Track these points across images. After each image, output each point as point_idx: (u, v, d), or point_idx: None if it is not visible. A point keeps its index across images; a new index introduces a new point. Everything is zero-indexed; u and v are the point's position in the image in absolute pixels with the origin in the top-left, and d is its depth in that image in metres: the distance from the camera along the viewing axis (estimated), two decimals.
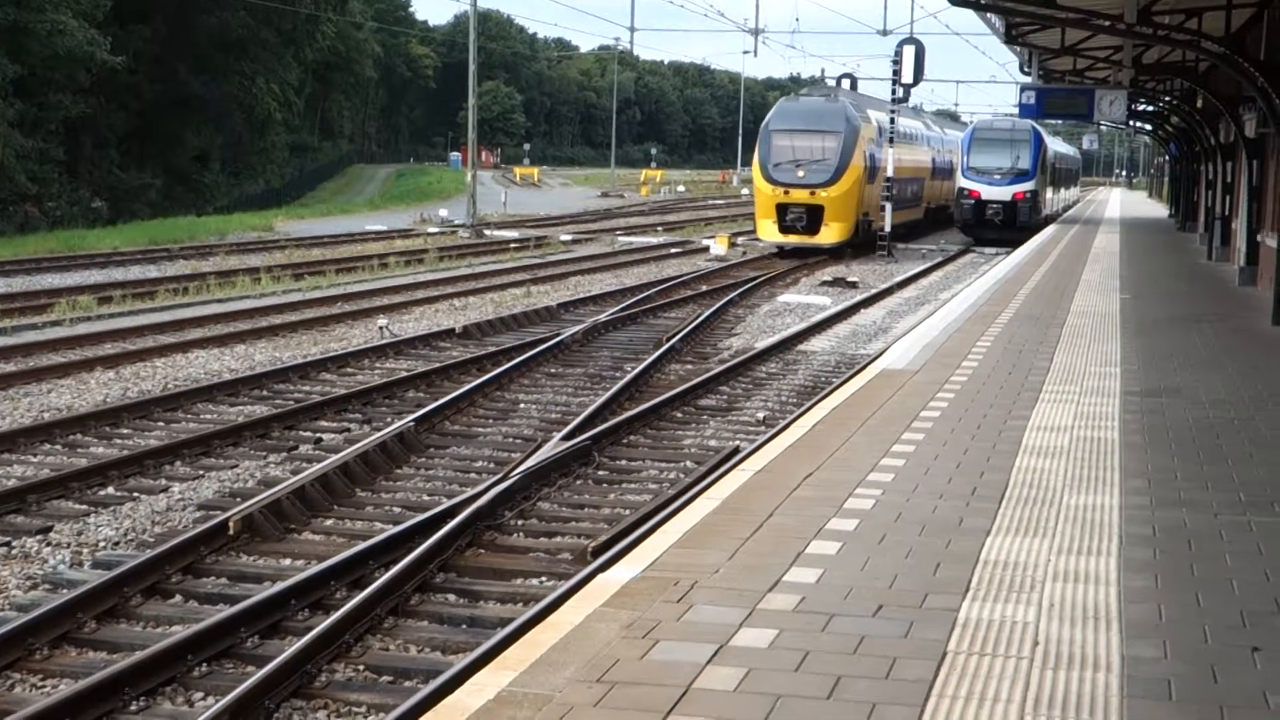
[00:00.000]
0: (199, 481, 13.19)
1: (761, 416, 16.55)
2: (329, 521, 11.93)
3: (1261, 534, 7.87)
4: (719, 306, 27.04)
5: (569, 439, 14.35)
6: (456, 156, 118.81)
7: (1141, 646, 5.92)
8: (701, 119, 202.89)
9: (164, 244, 43.29)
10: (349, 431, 15.56)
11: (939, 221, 58.84)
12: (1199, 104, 34.80)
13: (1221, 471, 9.49)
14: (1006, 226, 48.16)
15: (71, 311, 24.98)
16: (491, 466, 13.94)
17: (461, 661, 8.21)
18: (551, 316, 25.80)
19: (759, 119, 56.49)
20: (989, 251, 45.40)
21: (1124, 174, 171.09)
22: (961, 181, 49.98)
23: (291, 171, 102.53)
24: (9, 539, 11.16)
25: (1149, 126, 59.08)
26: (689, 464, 14.07)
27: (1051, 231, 45.08)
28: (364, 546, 10.49)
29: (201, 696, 8.17)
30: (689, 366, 20.51)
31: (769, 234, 41.89)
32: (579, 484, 13.33)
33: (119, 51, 63.67)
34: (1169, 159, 67.08)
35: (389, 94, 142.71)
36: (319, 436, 15.28)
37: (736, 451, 14.05)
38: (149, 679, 8.12)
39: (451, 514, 11.38)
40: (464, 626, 9.39)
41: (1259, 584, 6.92)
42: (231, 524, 11.02)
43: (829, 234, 41.30)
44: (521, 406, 17.19)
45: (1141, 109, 47.65)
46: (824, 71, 60.54)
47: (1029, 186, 49.06)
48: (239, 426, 15.14)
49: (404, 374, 18.75)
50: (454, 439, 15.33)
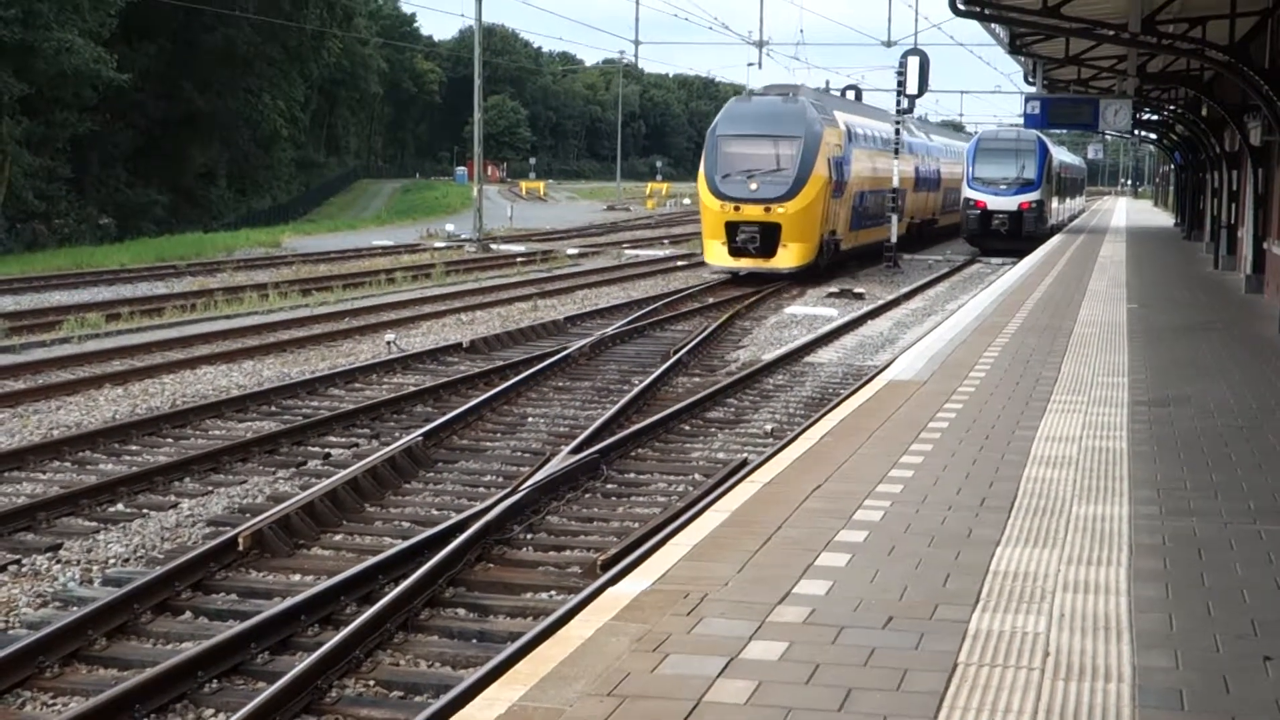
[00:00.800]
0: (208, 498, 13.21)
1: (769, 428, 16.54)
2: (338, 537, 11.94)
3: (1272, 543, 7.86)
4: (726, 319, 27.06)
5: (577, 452, 14.35)
6: (462, 171, 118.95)
7: (1153, 656, 5.91)
8: (706, 132, 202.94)
9: (171, 261, 43.36)
10: (357, 447, 15.57)
11: (925, 238, 54.85)
12: (1204, 112, 34.81)
13: (1230, 480, 9.48)
14: (1012, 237, 48.15)
15: (80, 329, 25.02)
16: (500, 481, 13.95)
17: (472, 676, 8.20)
18: (559, 330, 25.81)
19: None
20: (995, 262, 45.38)
21: (1129, 183, 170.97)
22: (967, 192, 49.97)
23: (298, 187, 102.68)
24: (19, 556, 11.17)
25: (1154, 135, 59.10)
26: (697, 477, 14.06)
27: (1057, 241, 45.06)
28: (373, 562, 10.50)
29: (212, 713, 8.17)
30: (696, 379, 20.51)
31: (717, 257, 36.24)
32: (588, 497, 13.33)
33: (125, 69, 63.83)
34: (1174, 168, 67.06)
35: (395, 109, 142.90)
36: (327, 452, 15.29)
37: (745, 464, 14.05)
38: (159, 696, 8.12)
39: (460, 528, 11.38)
40: (474, 641, 9.39)
41: (1270, 593, 6.91)
42: (241, 540, 11.02)
43: (787, 257, 35.36)
44: (529, 420, 17.20)
45: (1146, 118, 47.74)
46: (829, 83, 60.44)
47: (1034, 196, 49.05)
48: (248, 442, 15.16)
49: (412, 389, 18.76)
50: (462, 453, 15.33)
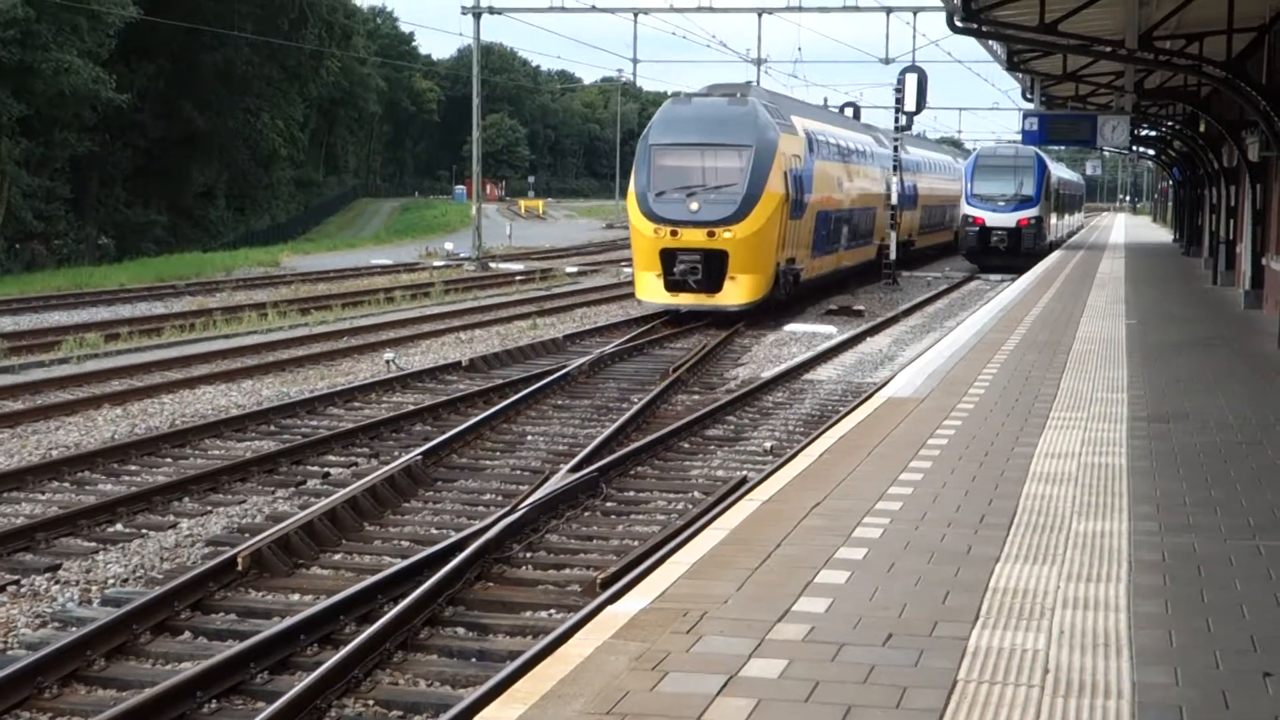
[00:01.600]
0: (207, 517, 13.20)
1: (769, 446, 16.54)
2: (337, 556, 11.93)
3: (1271, 558, 7.85)
4: (725, 336, 27.08)
5: (577, 471, 14.35)
6: (461, 190, 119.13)
7: (1152, 673, 5.90)
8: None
9: (170, 280, 43.38)
10: (357, 466, 15.57)
11: (900, 262, 47.20)
12: (1201, 128, 34.85)
13: (1230, 496, 9.48)
14: (1011, 253, 48.20)
15: (79, 349, 25.02)
16: (499, 499, 13.94)
17: (471, 695, 8.19)
18: (558, 348, 25.82)
19: None
20: (994, 278, 45.41)
21: (1128, 199, 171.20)
22: (966, 209, 50.03)
23: (297, 207, 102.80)
24: (17, 577, 11.16)
25: (1152, 151, 59.18)
26: (697, 495, 14.06)
27: (1056, 257, 45.09)
28: (372, 581, 10.49)
29: None
30: (696, 397, 20.51)
31: (651, 292, 29.80)
32: (587, 516, 13.33)
33: (124, 89, 63.94)
34: (1172, 184, 67.15)
35: (393, 128, 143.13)
36: (327, 471, 15.28)
37: (744, 481, 14.05)
38: (158, 716, 8.11)
39: (460, 547, 11.38)
40: (473, 660, 9.38)
41: (1270, 609, 6.90)
42: (240, 560, 11.02)
43: (736, 291, 29.21)
44: (529, 439, 17.19)
45: (1144, 134, 47.79)
46: (826, 100, 60.40)
47: (1033, 213, 49.11)
48: (247, 462, 15.15)
49: (411, 407, 18.76)
50: (462, 472, 15.33)
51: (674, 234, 29.08)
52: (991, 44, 28.09)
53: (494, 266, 50.49)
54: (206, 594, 10.56)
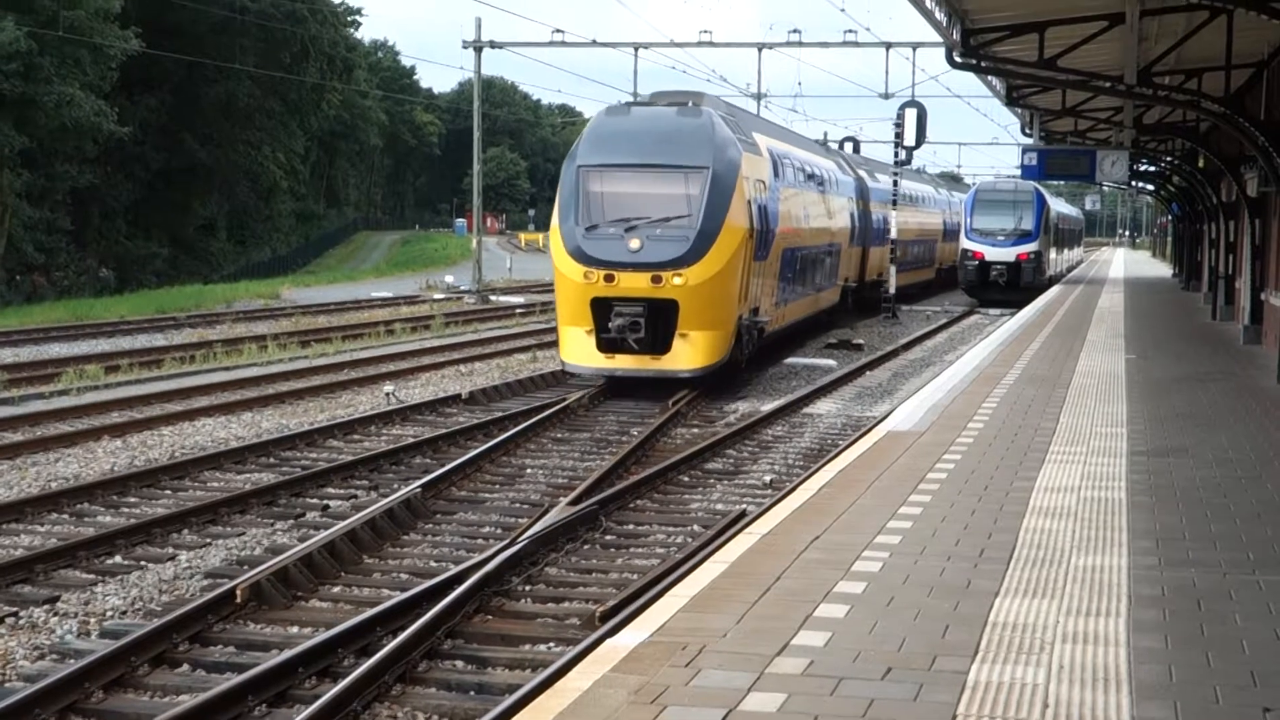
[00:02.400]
0: (206, 550, 13.18)
1: (768, 479, 16.54)
2: (336, 589, 11.92)
3: (1271, 593, 7.85)
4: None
5: (576, 504, 14.34)
6: (462, 223, 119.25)
7: (1152, 708, 5.90)
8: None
9: (171, 313, 43.43)
10: (356, 498, 15.56)
11: (865, 306, 43.33)
12: (1200, 164, 34.95)
13: (1229, 531, 9.47)
14: (1010, 287, 48.28)
15: (79, 380, 25.03)
16: (499, 532, 13.93)
17: None
18: (558, 381, 25.82)
19: None
20: (993, 313, 45.46)
21: (1127, 234, 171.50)
22: (965, 243, 50.12)
23: (297, 239, 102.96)
24: (16, 609, 11.14)
25: (1151, 186, 59.32)
26: (696, 528, 14.05)
27: (1056, 292, 45.14)
28: (371, 613, 10.47)
29: None
30: (695, 430, 20.51)
31: (579, 353, 23.50)
32: (586, 549, 13.31)
33: (126, 122, 64.11)
34: (1172, 218, 67.28)
35: (394, 161, 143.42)
36: (326, 503, 15.28)
37: (743, 515, 14.04)
38: None
39: (459, 580, 11.36)
40: (472, 693, 9.36)
41: (1269, 643, 6.89)
42: (239, 592, 11.00)
43: (689, 352, 23.06)
44: (528, 472, 17.19)
45: (1143, 169, 47.92)
46: (826, 135, 60.54)
47: (1033, 247, 49.21)
48: (246, 494, 15.15)
49: (411, 440, 18.76)
50: (461, 505, 15.32)
51: (609, 280, 22.77)
52: (991, 79, 28.19)
53: (494, 299, 50.55)
54: (205, 626, 10.54)
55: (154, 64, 67.95)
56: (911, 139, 43.71)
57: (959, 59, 20.99)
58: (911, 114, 43.66)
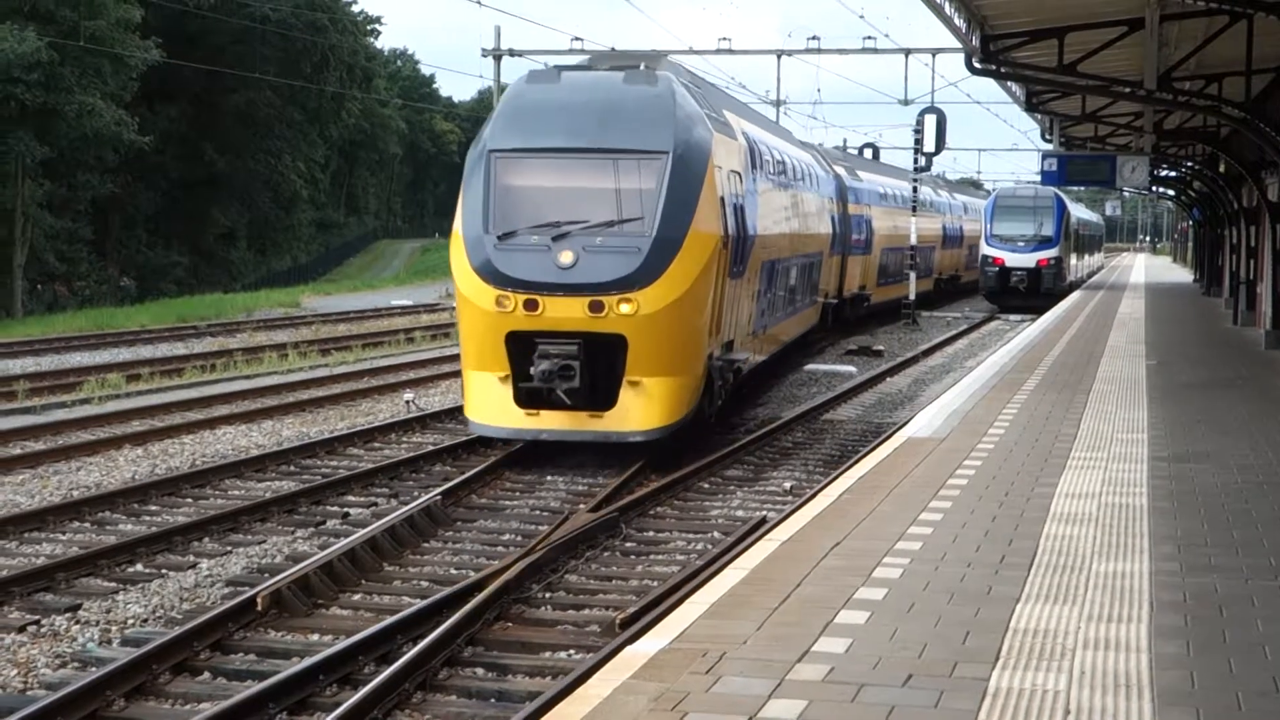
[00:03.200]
0: (227, 558, 13.21)
1: (788, 486, 16.52)
2: (356, 596, 11.93)
3: None
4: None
5: (596, 511, 14.34)
6: None
7: (1174, 715, 5.87)
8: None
9: (191, 321, 43.56)
10: (376, 506, 15.58)
11: (848, 323, 37.72)
12: (1221, 169, 34.88)
13: (1251, 536, 9.44)
14: (1031, 293, 48.19)
15: (100, 390, 25.11)
16: (519, 539, 13.93)
17: None
18: None
19: None
20: (1014, 318, 45.37)
21: (1147, 239, 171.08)
22: (985, 249, 50.04)
23: (318, 248, 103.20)
24: (38, 617, 11.18)
25: (1171, 192, 59.23)
26: (716, 535, 14.04)
27: (1076, 298, 45.03)
28: (391, 621, 10.48)
29: None
30: (715, 436, 20.49)
31: (490, 410, 17.33)
32: (606, 556, 13.31)
33: (146, 131, 64.36)
34: (1192, 224, 67.11)
35: (414, 170, 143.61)
36: (346, 511, 15.29)
37: (764, 522, 14.02)
38: None
39: (479, 587, 11.37)
40: (492, 701, 9.36)
41: None
42: (259, 600, 11.02)
43: (641, 407, 17.03)
44: (548, 479, 17.18)
45: (1163, 174, 47.85)
46: (846, 142, 60.23)
47: (1053, 253, 49.13)
48: (266, 502, 15.17)
49: (430, 448, 18.77)
50: (481, 512, 15.32)
51: (531, 308, 16.60)
52: (1010, 85, 28.17)
53: None
54: (226, 634, 10.56)
55: (174, 74, 68.23)
56: (931, 145, 43.66)
57: (978, 65, 20.99)
58: (931, 120, 43.60)
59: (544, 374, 16.43)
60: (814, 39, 47.58)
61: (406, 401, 23.56)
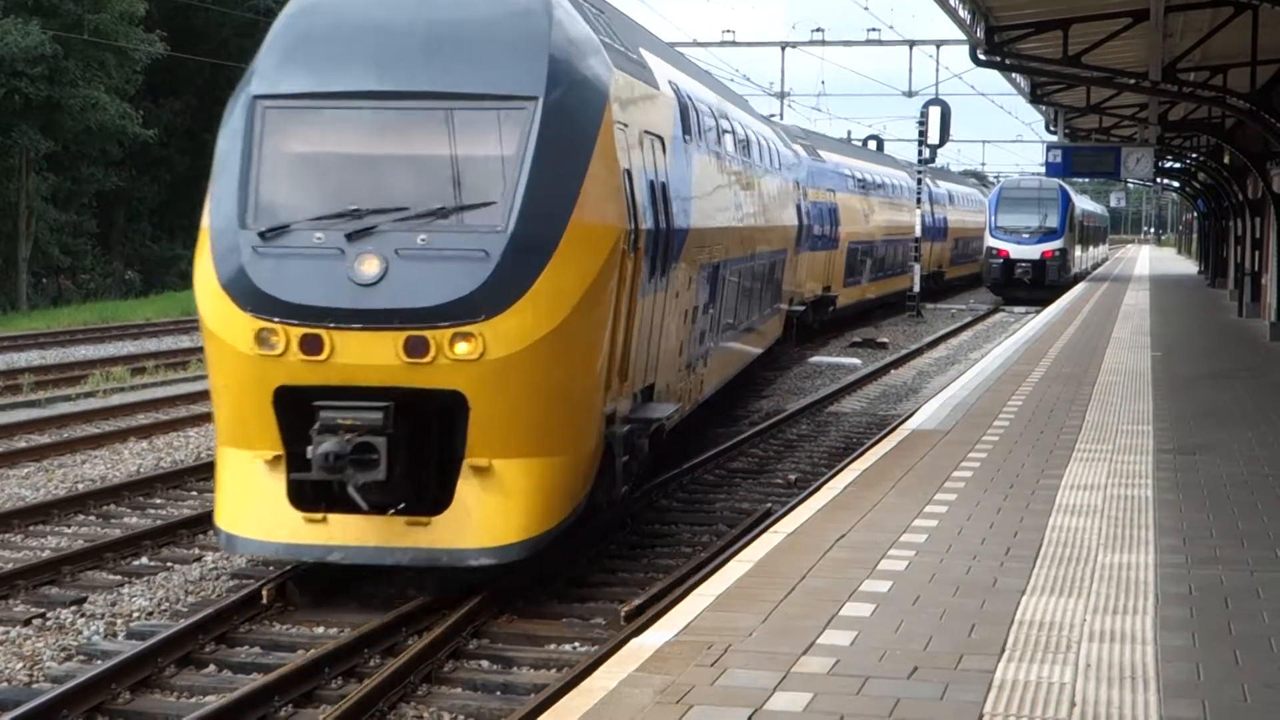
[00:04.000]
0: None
1: (793, 478, 16.51)
2: (366, 589, 11.92)
3: None
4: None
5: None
6: None
7: (1180, 706, 5.87)
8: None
9: (196, 314, 43.52)
10: None
11: (811, 331, 32.09)
12: (1226, 160, 34.84)
13: (1257, 528, 9.43)
14: (1035, 285, 48.15)
15: (105, 383, 25.11)
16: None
17: None
18: None
19: None
20: (1018, 310, 45.33)
21: (1152, 231, 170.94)
22: (990, 241, 50.01)
23: None
24: (43, 610, 11.18)
25: (1176, 183, 59.18)
26: (721, 527, 14.03)
27: (1081, 289, 45.01)
28: (397, 613, 10.48)
29: None
30: (720, 429, 20.48)
31: (249, 513, 10.78)
32: (611, 548, 13.30)
33: (151, 125, 64.36)
34: (1197, 215, 67.06)
35: None
36: None
37: (769, 514, 14.01)
38: None
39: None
40: (498, 693, 9.36)
41: None
42: (265, 593, 11.02)
43: (487, 508, 10.55)
44: None
45: (1168, 166, 47.79)
46: (850, 134, 60.12)
47: (1057, 245, 49.09)
48: None
49: None
50: None
51: (312, 348, 10.55)
52: (1015, 77, 28.15)
53: None
54: (231, 627, 10.55)
55: (178, 67, 68.21)
56: (936, 137, 43.68)
57: (983, 56, 20.97)
58: (935, 112, 43.61)
59: (328, 458, 10.14)
60: (818, 31, 47.71)
61: None
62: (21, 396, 23.52)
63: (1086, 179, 55.81)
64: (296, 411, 10.38)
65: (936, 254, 51.75)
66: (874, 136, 57.56)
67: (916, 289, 44.31)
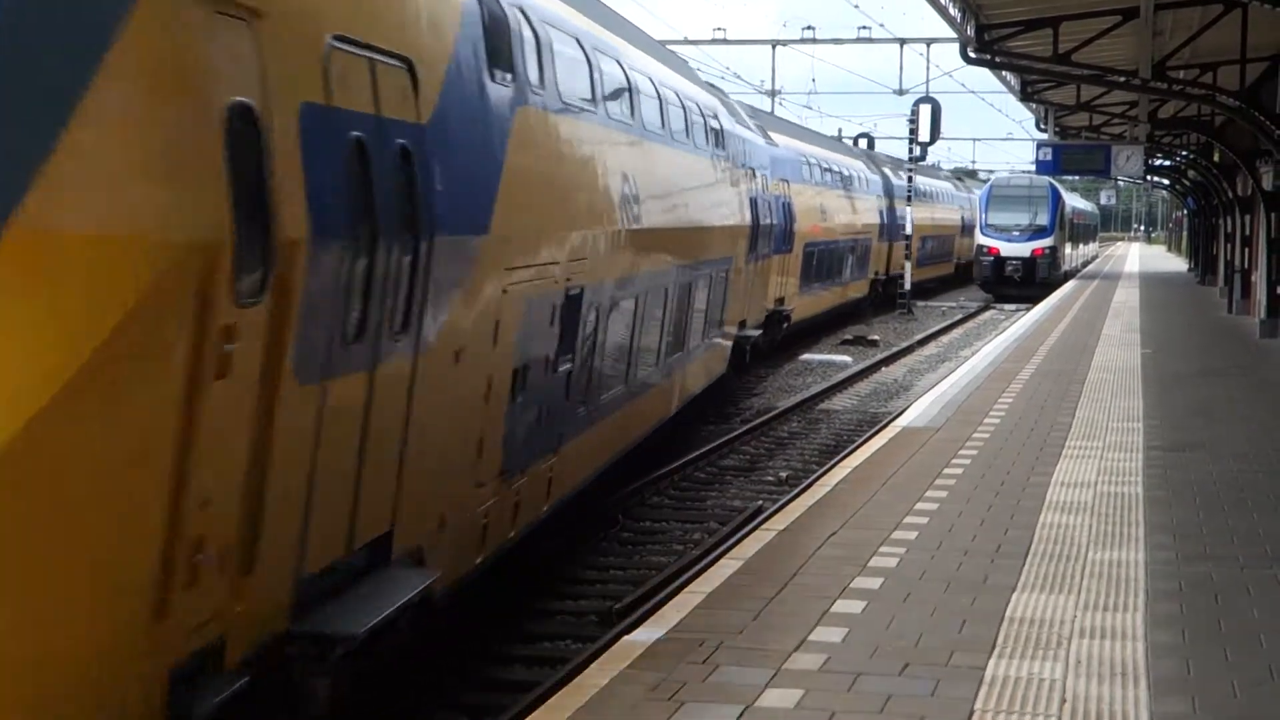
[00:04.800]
0: None
1: (784, 476, 16.52)
2: None
3: None
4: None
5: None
6: None
7: (1170, 702, 5.89)
8: None
9: None
10: None
11: (761, 356, 26.05)
12: (1216, 158, 34.89)
13: (1246, 525, 9.46)
14: (1026, 283, 48.21)
15: None
16: None
17: None
18: None
19: None
20: (1009, 308, 45.38)
21: (1142, 228, 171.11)
22: (980, 239, 50.08)
23: None
24: None
25: (1166, 181, 59.25)
26: (712, 524, 14.04)
27: (1071, 287, 45.07)
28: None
29: None
30: (711, 427, 20.49)
31: None
32: (603, 545, 13.31)
33: None
34: (1187, 213, 67.17)
35: None
36: None
37: (760, 511, 14.03)
38: None
39: None
40: (490, 690, 9.36)
41: None
42: None
43: None
44: None
45: (1158, 163, 47.86)
46: (841, 131, 59.90)
47: (1048, 242, 49.16)
48: None
49: None
50: None
51: None
52: (1005, 75, 28.18)
53: None
54: None
55: None
56: (926, 135, 43.71)
57: (973, 54, 20.99)
58: (926, 110, 43.64)
59: None
60: (809, 29, 47.66)
61: None
62: None
63: (1076, 177, 55.76)
64: None
65: (899, 254, 44.16)
66: (865, 134, 57.53)
67: (908, 285, 44.30)
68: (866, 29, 46.46)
